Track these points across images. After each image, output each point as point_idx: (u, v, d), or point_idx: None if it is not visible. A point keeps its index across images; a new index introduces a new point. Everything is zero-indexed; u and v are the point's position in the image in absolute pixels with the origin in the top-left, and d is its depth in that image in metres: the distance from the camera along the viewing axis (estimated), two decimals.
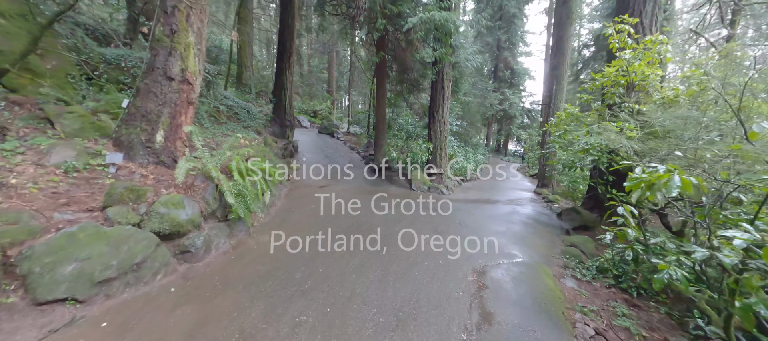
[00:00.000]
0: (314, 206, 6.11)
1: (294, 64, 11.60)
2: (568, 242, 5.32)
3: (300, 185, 8.04)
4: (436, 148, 8.92)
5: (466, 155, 14.15)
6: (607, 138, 4.50)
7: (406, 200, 7.32)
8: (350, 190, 7.90)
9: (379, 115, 9.79)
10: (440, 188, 8.64)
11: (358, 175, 9.76)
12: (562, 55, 11.12)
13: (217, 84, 10.13)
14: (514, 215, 7.10)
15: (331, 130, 15.34)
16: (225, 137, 7.42)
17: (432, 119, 8.94)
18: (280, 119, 11.29)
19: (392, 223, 5.41)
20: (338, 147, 13.54)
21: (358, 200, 6.90)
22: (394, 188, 8.62)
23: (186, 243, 3.43)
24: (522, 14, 25.23)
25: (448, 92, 8.78)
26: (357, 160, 11.73)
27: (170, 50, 4.30)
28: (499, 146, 28.77)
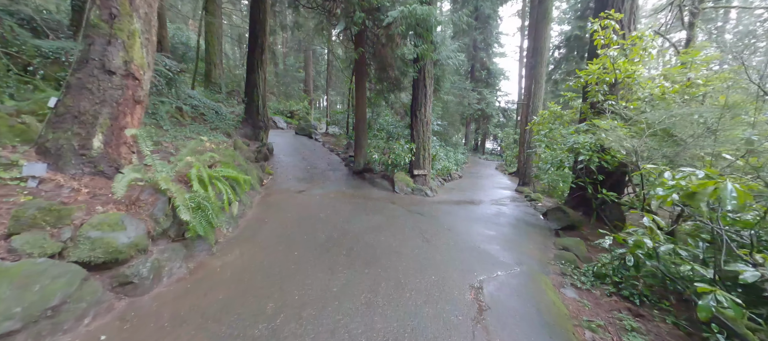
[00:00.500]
0: (290, 215, 5.49)
1: (267, 61, 10.82)
2: (559, 246, 5.06)
3: (275, 191, 7.36)
4: (419, 148, 8.52)
5: (448, 154, 13.91)
6: (606, 136, 4.22)
7: (390, 205, 6.85)
8: (330, 195, 7.32)
9: (358, 114, 9.26)
10: (424, 190, 8.25)
11: (338, 178, 9.18)
12: (540, 55, 11.08)
13: (180, 82, 9.19)
14: (501, 217, 6.82)
15: (309, 131, 14.60)
16: (188, 140, 6.62)
17: (414, 118, 8.53)
18: (252, 119, 10.48)
19: (376, 231, 4.92)
20: (316, 149, 12.86)
21: (339, 206, 6.35)
22: (377, 191, 8.13)
23: (127, 273, 2.76)
24: (496, 15, 25.51)
25: (430, 90, 8.41)
26: (336, 162, 11.13)
27: (109, 38, 3.57)
28: (477, 144, 29.01)
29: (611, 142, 4.42)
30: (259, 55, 10.34)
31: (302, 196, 7.08)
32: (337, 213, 5.83)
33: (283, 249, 4.04)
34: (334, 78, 22.51)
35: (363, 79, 9.10)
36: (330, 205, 6.44)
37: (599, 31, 5.55)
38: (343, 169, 10.18)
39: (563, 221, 6.43)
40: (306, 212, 5.76)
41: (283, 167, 9.83)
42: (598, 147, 5.05)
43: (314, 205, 6.37)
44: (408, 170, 8.80)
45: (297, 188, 7.74)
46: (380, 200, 7.20)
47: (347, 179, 9.11)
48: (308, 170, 9.72)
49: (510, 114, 28.28)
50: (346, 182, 8.80)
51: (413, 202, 7.45)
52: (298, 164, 10.32)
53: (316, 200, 6.82)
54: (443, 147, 14.50)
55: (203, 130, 8.05)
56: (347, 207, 6.36)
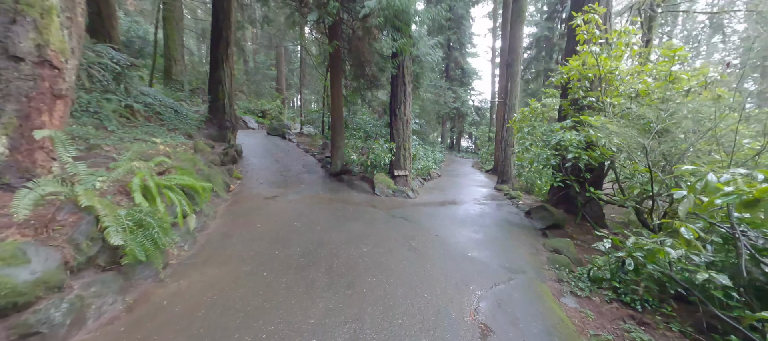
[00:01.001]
0: (260, 226, 4.84)
1: (233, 55, 9.91)
2: (550, 247, 4.81)
3: (244, 198, 6.62)
4: (399, 148, 8.08)
5: (427, 153, 13.63)
6: (594, 133, 3.98)
7: (371, 209, 6.35)
8: (305, 200, 6.69)
9: (334, 113, 8.67)
10: (406, 191, 7.83)
11: (313, 181, 8.53)
12: (516, 53, 11.04)
13: (132, 77, 8.12)
14: (485, 218, 6.54)
15: (282, 131, 13.74)
16: (139, 142, 5.75)
17: (393, 116, 8.08)
18: (217, 119, 9.55)
19: (359, 242, 4.40)
20: (290, 150, 12.07)
21: (315, 213, 5.76)
22: (356, 194, 7.59)
23: (32, 321, 2.06)
24: (469, 16, 25.74)
25: (409, 87, 7.99)
26: (312, 163, 10.44)
27: (14, 16, 2.77)
28: (453, 143, 29.20)
29: (601, 139, 4.21)
30: (224, 50, 9.43)
31: (274, 202, 6.40)
32: (313, 221, 5.24)
33: (250, 270, 3.42)
34: (308, 76, 21.61)
35: (339, 76, 8.51)
36: (305, 212, 5.83)
37: (582, 26, 5.38)
38: (319, 171, 9.54)
39: (548, 219, 6.25)
40: (278, 222, 5.12)
41: (254, 171, 9.03)
42: (585, 144, 4.86)
43: (288, 213, 5.73)
44: (388, 171, 8.35)
45: (268, 194, 7.03)
46: (360, 205, 6.68)
47: (324, 181, 8.49)
48: (281, 173, 8.98)
49: (483, 113, 28.71)
50: (323, 185, 8.19)
51: (395, 204, 7.00)
52: (270, 167, 9.54)
53: (290, 206, 6.18)
54: (422, 146, 14.21)
55: (159, 131, 7.11)
56: (325, 214, 5.78)
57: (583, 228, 6.39)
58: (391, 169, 8.20)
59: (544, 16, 20.96)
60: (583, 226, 6.49)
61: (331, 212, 5.97)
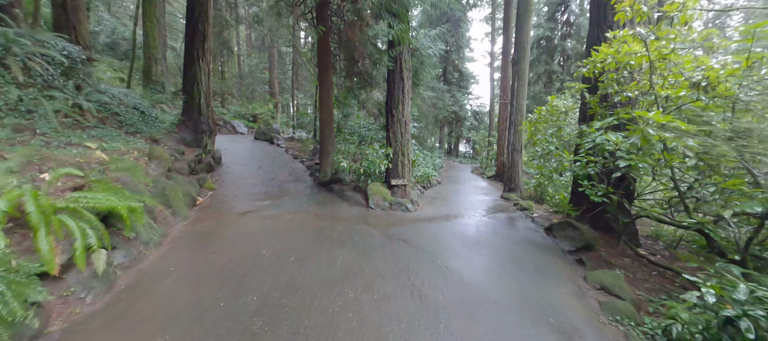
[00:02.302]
0: (215, 257, 3.60)
1: (210, 51, 8.71)
2: (595, 283, 3.62)
3: (212, 214, 5.38)
4: (396, 153, 6.89)
5: (426, 159, 12.45)
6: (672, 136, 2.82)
7: (364, 228, 5.13)
8: (285, 216, 5.47)
9: (324, 114, 7.48)
10: (404, 204, 6.62)
11: (299, 191, 7.31)
12: (523, 50, 9.95)
13: (87, 73, 6.90)
14: (500, 238, 5.34)
15: (270, 135, 12.52)
16: (71, 147, 4.52)
17: (390, 117, 6.91)
18: (192, 122, 8.31)
19: (343, 281, 3.19)
20: (278, 156, 10.85)
21: (294, 235, 4.53)
22: (347, 207, 6.37)
23: None
24: (466, 19, 24.84)
25: (407, 84, 6.83)
26: (300, 171, 9.22)
27: None
28: (451, 148, 28.12)
29: (671, 141, 3.04)
30: (200, 44, 8.24)
31: (247, 220, 5.17)
32: (288, 248, 4.01)
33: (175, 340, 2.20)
34: (302, 79, 20.45)
35: (328, 73, 7.34)
36: (282, 233, 4.60)
37: (623, 2, 4.24)
38: (308, 180, 8.32)
39: (576, 240, 5.07)
40: (242, 249, 3.89)
41: (232, 180, 7.78)
42: (636, 148, 3.69)
43: (259, 235, 4.50)
44: (384, 180, 7.14)
45: (242, 209, 5.80)
46: (351, 222, 5.46)
47: (311, 192, 7.27)
48: (263, 183, 7.75)
49: (481, 117, 27.66)
50: (310, 197, 6.96)
51: (392, 220, 5.78)
52: (252, 175, 8.30)
53: (265, 226, 4.95)
54: (421, 151, 13.04)
55: (111, 134, 5.87)
56: (306, 236, 4.56)
57: (616, 247, 5.23)
58: (388, 177, 7.00)
59: (543, 17, 20.04)
60: (615, 244, 5.32)
61: (314, 232, 4.74)
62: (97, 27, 18.43)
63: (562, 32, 17.61)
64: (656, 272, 4.54)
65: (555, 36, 17.90)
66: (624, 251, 5.20)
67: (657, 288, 3.93)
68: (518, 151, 9.90)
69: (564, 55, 17.72)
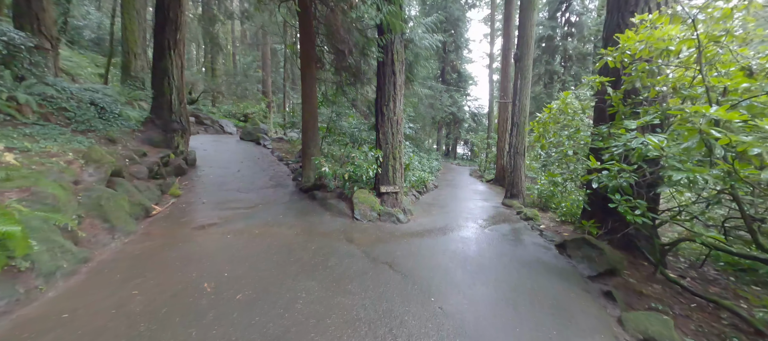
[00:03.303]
0: (142, 293, 2.68)
1: (184, 42, 7.79)
2: (636, 332, 2.72)
3: (165, 228, 4.46)
4: (387, 156, 5.99)
5: (422, 161, 11.55)
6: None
7: (345, 247, 4.22)
8: (251, 231, 4.55)
9: (306, 112, 6.57)
10: (395, 215, 5.72)
11: (277, 199, 6.40)
12: (526, 45, 9.09)
13: (36, 62, 5.97)
14: (506, 259, 4.44)
15: (257, 136, 11.60)
16: None
17: (380, 116, 6.01)
18: (162, 120, 7.39)
19: (317, 329, 2.28)
20: (262, 158, 9.93)
21: (254, 259, 3.62)
22: (329, 219, 5.47)
23: None
24: (465, 19, 24.02)
25: (400, 78, 5.93)
26: (283, 175, 8.31)
27: None
28: (448, 150, 27.28)
29: (754, 147, 2.16)
30: (172, 34, 7.33)
31: (203, 236, 4.25)
32: (241, 279, 3.10)
33: None
34: (296, 78, 19.54)
35: (311, 65, 6.44)
36: (240, 256, 3.69)
37: None
38: (290, 185, 7.41)
39: (597, 261, 4.19)
40: (180, 281, 2.97)
41: (204, 185, 6.86)
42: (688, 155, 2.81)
43: (211, 258, 3.58)
44: (373, 187, 6.24)
45: (205, 220, 4.88)
46: (330, 238, 4.55)
47: (290, 200, 6.36)
48: (238, 189, 6.83)
49: (479, 119, 26.83)
50: (288, 205, 6.05)
51: (380, 236, 4.87)
52: (228, 180, 7.38)
53: (223, 244, 4.03)
54: (417, 153, 12.13)
55: (53, 132, 4.94)
56: (269, 260, 3.65)
57: (639, 268, 4.36)
58: (377, 184, 6.10)
59: (544, 16, 19.23)
60: (638, 264, 4.45)
61: (283, 254, 3.83)
62: (81, 22, 17.48)
63: (563, 31, 16.78)
64: (695, 303, 3.67)
65: (556, 35, 17.08)
66: (650, 273, 4.33)
67: (706, 331, 3.05)
68: (521, 154, 9.02)
69: (565, 56, 16.89)
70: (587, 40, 16.57)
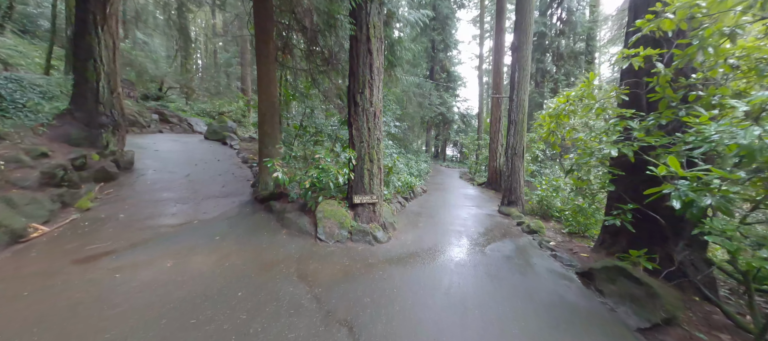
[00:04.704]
0: None
1: (116, 18, 6.24)
2: None
3: (39, 258, 2.96)
4: (362, 158, 4.62)
5: (409, 164, 10.23)
6: None
7: (290, 292, 2.82)
8: (163, 264, 3.10)
9: (263, 100, 5.16)
10: (372, 232, 4.36)
11: (224, 212, 4.94)
12: (524, 34, 7.92)
13: None
14: (519, 299, 3.14)
15: (223, 135, 10.05)
16: None
17: (353, 106, 4.64)
18: (84, 112, 5.82)
19: None
20: (225, 159, 8.41)
21: (146, 318, 2.17)
22: (283, 240, 4.06)
23: None
24: (454, 18, 22.96)
25: (378, 60, 4.59)
26: (242, 180, 6.84)
27: None
28: (438, 151, 26.13)
29: None
30: (99, 7, 5.78)
31: (82, 274, 2.78)
32: None
33: None
34: None
35: (269, 43, 5.03)
36: (118, 312, 2.25)
37: None
38: (246, 193, 5.95)
39: (647, 306, 2.94)
40: None
41: (134, 194, 5.33)
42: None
43: (73, 316, 2.13)
44: (346, 196, 4.86)
45: (101, 247, 3.40)
46: (275, 273, 3.15)
47: (241, 213, 4.91)
48: (179, 199, 5.33)
49: (469, 120, 25.78)
50: (235, 221, 4.61)
51: (347, 268, 3.50)
52: (170, 187, 5.86)
53: (105, 289, 2.58)
54: (404, 155, 10.80)
55: None
56: (157, 325, 2.22)
57: (694, 308, 3.15)
58: (350, 193, 4.72)
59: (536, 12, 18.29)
60: (690, 302, 3.24)
61: (184, 312, 2.41)
62: (37, 9, 15.56)
63: (556, 29, 15.83)
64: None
65: (548, 33, 16.11)
66: (708, 316, 3.12)
67: None
68: (519, 156, 7.81)
69: (557, 54, 15.93)
70: (579, 39, 15.66)
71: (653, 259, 3.08)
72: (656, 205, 3.56)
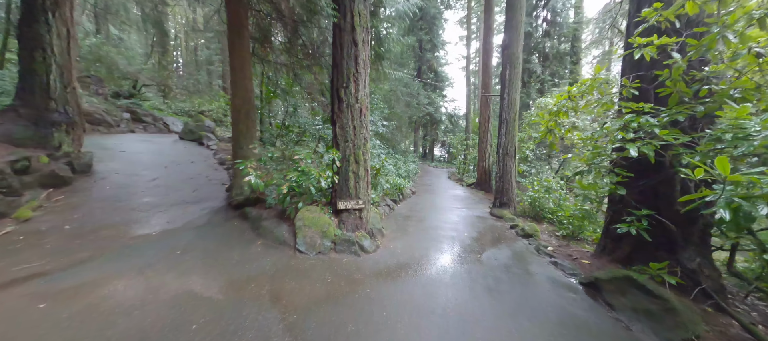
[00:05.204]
0: None
1: (73, 4, 5.53)
2: None
3: None
4: (347, 159, 4.16)
5: (397, 164, 9.81)
6: None
7: (261, 324, 2.31)
8: (100, 291, 2.53)
9: (236, 95, 4.61)
10: (358, 241, 3.90)
11: (192, 221, 4.36)
12: (515, 30, 7.65)
13: None
14: (525, 317, 2.76)
15: (199, 135, 9.33)
16: None
17: (337, 103, 4.16)
18: (31, 108, 5.09)
19: None
20: (200, 161, 7.74)
21: None
22: (258, 253, 3.54)
23: None
24: (441, 18, 22.77)
25: (364, 51, 4.14)
26: (216, 183, 6.23)
27: None
28: (425, 151, 25.89)
29: None
30: None
31: (15, 304, 2.18)
32: None
33: None
34: None
35: (243, 31, 4.48)
36: None
37: None
38: (220, 199, 5.37)
39: (662, 321, 2.65)
40: None
41: (88, 201, 4.67)
42: None
43: None
44: (330, 201, 4.38)
45: (33, 267, 2.79)
46: (244, 296, 2.64)
47: (210, 223, 4.35)
48: (143, 206, 4.70)
49: (456, 120, 25.67)
50: (202, 232, 4.04)
51: (329, 286, 3.03)
52: (133, 193, 5.20)
53: (44, 325, 2.00)
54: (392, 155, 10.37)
55: None
56: None
57: (709, 320, 2.85)
58: (334, 198, 4.24)
59: None
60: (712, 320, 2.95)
61: None
62: None
63: (542, 30, 15.81)
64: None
65: (534, 33, 16.09)
66: (725, 330, 2.84)
67: None
68: (511, 155, 7.53)
69: (543, 55, 15.93)
70: (564, 40, 15.70)
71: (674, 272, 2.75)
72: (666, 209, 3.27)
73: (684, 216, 3.18)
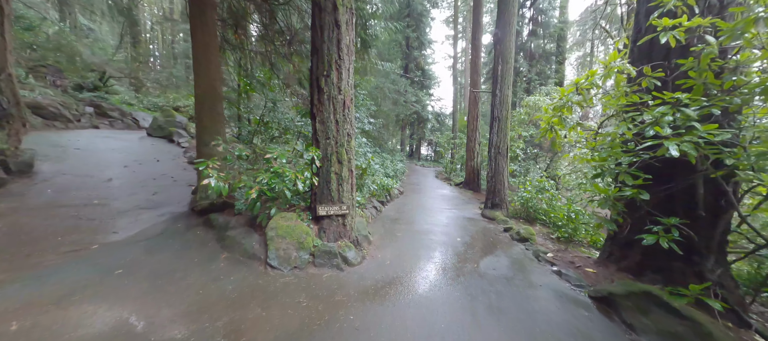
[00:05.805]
0: None
1: None
2: None
3: None
4: (328, 158, 3.58)
5: (384, 163, 9.28)
6: None
7: None
8: (24, 326, 1.83)
9: (200, 84, 3.94)
10: (341, 253, 3.34)
11: (146, 230, 3.66)
12: (508, 24, 7.26)
13: None
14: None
15: (169, 131, 8.45)
16: None
17: (317, 93, 3.58)
18: None
19: None
20: (166, 160, 6.93)
21: None
22: (222, 270, 2.92)
23: None
24: (428, 16, 22.37)
25: (348, 35, 3.58)
26: (182, 185, 5.49)
27: None
28: (412, 150, 25.53)
29: None
30: None
31: None
32: None
33: None
34: None
35: (205, 5, 3.80)
36: None
37: None
38: (185, 202, 4.66)
39: None
40: None
41: (22, 207, 3.88)
42: None
43: None
44: (309, 205, 3.79)
45: None
46: (199, 326, 2.02)
47: (167, 232, 3.66)
48: (87, 213, 3.95)
49: (443, 119, 25.42)
50: (158, 244, 3.36)
51: (306, 313, 2.46)
52: (79, 195, 4.41)
53: None
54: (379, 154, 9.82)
55: None
56: None
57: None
58: (313, 203, 3.66)
59: None
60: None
61: None
62: None
63: (528, 29, 15.67)
64: None
65: (522, 32, 15.93)
66: None
67: None
68: (503, 154, 7.16)
69: (529, 54, 15.80)
70: (550, 39, 15.63)
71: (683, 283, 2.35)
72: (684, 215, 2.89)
73: (703, 222, 2.83)
